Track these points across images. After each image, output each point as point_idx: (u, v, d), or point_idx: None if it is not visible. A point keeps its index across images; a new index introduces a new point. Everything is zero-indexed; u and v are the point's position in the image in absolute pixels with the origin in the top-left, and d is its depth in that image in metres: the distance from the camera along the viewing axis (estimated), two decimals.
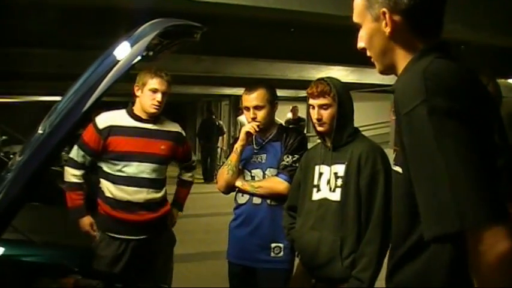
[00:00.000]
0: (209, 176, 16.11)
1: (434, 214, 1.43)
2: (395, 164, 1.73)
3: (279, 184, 3.52)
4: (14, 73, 11.55)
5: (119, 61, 1.91)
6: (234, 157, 3.66)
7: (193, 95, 21.24)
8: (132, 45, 1.92)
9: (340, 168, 3.05)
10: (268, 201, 3.59)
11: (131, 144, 3.89)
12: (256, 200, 3.61)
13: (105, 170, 3.92)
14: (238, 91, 18.33)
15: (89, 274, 2.96)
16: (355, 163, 3.01)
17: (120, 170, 3.87)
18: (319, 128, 3.17)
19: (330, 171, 3.08)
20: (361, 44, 1.80)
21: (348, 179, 3.00)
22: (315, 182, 3.15)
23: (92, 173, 4.07)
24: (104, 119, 3.89)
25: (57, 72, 11.10)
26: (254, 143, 3.71)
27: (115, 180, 3.88)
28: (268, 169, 3.63)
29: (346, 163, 3.04)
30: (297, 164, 3.46)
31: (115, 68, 1.90)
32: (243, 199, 3.68)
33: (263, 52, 9.52)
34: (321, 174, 3.14)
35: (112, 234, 3.90)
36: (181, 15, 2.49)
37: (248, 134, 3.63)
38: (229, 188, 3.72)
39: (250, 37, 8.70)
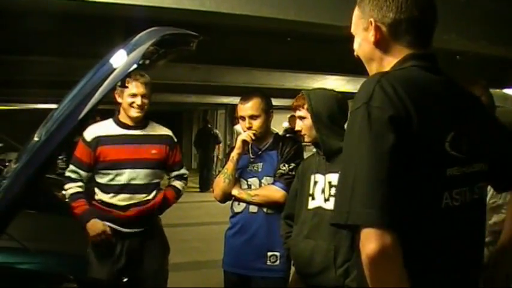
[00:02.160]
0: (205, 185, 16.10)
1: (336, 204, 1.66)
2: None
3: (276, 192, 3.52)
4: (11, 80, 11.54)
5: (115, 69, 1.92)
6: (230, 166, 3.66)
7: (190, 104, 21.25)
8: (128, 53, 1.92)
9: (335, 177, 3.03)
10: (265, 209, 3.59)
11: (121, 152, 3.89)
12: (253, 209, 3.61)
13: (97, 180, 3.93)
14: (235, 100, 18.33)
15: (84, 282, 2.95)
16: None
17: (112, 179, 3.88)
18: (303, 139, 3.29)
19: (325, 180, 3.08)
20: (356, 52, 1.93)
21: None
22: (310, 191, 3.15)
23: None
24: (91, 131, 3.89)
25: (53, 80, 11.10)
26: (250, 152, 3.72)
27: (108, 189, 3.89)
28: (264, 178, 3.64)
29: (339, 172, 3.03)
30: (294, 173, 3.46)
31: (111, 76, 1.90)
32: (239, 208, 3.67)
33: (259, 61, 9.53)
34: (315, 183, 3.14)
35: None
36: (178, 24, 2.50)
37: (244, 142, 3.64)
38: (226, 197, 3.71)
39: (246, 46, 8.71)
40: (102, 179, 3.90)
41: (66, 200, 3.92)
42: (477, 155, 1.76)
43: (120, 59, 1.92)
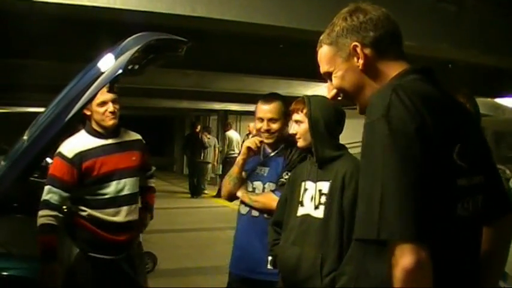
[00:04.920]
0: (196, 191, 16.00)
1: (362, 218, 1.63)
2: None
3: (273, 201, 3.49)
4: (7, 84, 11.50)
5: (102, 73, 1.91)
6: (235, 169, 3.69)
7: (182, 110, 21.22)
8: (116, 58, 1.92)
9: (325, 186, 3.04)
10: (265, 214, 3.58)
11: (106, 164, 3.70)
12: (255, 213, 3.62)
13: (85, 196, 3.70)
14: (227, 106, 18.37)
15: None
16: (339, 181, 2.99)
17: (100, 193, 3.69)
18: (298, 143, 3.26)
19: (315, 187, 3.07)
20: (333, 92, 1.91)
21: (331, 197, 2.99)
22: (300, 198, 3.14)
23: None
24: (71, 147, 3.65)
25: (49, 83, 11.04)
26: (261, 154, 3.72)
27: (95, 205, 3.69)
28: (268, 183, 3.64)
29: (331, 181, 3.03)
30: None
31: (99, 80, 1.90)
32: (244, 210, 3.69)
33: (251, 67, 9.54)
34: (305, 190, 3.13)
35: (92, 254, 3.72)
36: (171, 30, 2.50)
37: (249, 149, 3.64)
38: (231, 197, 3.76)
39: (238, 52, 8.72)
40: (88, 195, 3.69)
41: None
42: (477, 167, 1.77)
43: (108, 63, 1.92)
